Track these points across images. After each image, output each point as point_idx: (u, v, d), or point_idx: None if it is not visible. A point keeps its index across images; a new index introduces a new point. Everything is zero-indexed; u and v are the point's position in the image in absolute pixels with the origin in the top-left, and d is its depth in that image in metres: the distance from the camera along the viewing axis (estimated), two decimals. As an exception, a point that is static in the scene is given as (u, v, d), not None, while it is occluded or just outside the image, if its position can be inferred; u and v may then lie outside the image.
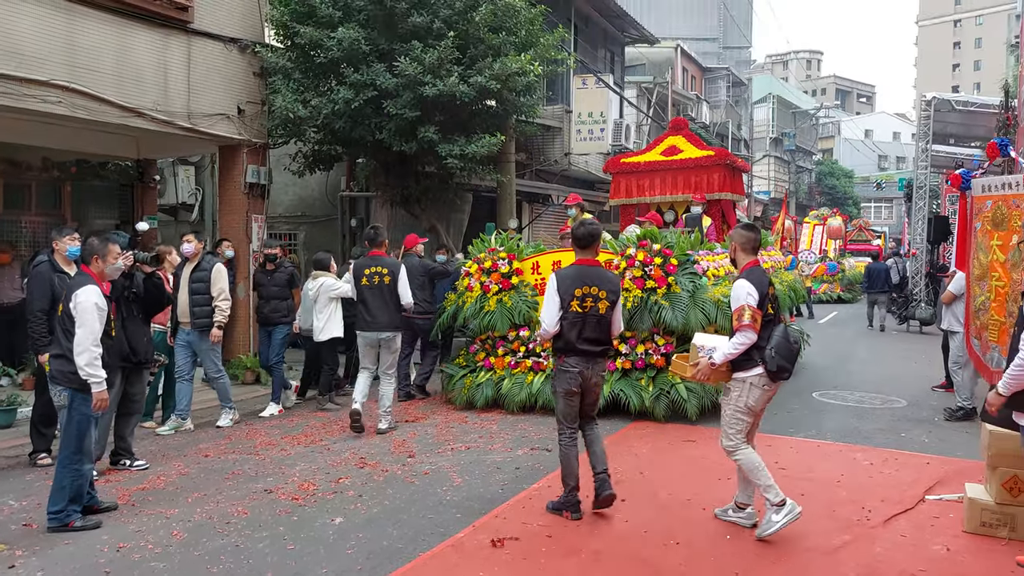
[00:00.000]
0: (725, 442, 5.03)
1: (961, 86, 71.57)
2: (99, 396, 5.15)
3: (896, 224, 49.21)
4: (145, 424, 7.97)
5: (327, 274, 8.97)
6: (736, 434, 4.98)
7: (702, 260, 8.66)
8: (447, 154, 10.90)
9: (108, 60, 8.97)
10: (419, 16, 10.63)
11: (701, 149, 12.57)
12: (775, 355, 4.82)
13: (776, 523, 4.81)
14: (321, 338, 8.87)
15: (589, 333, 5.19)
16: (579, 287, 5.17)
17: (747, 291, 4.86)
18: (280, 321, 9.00)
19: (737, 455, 4.98)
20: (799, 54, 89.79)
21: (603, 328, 5.24)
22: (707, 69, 37.59)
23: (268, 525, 5.18)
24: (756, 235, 5.18)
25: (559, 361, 5.33)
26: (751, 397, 4.93)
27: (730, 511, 5.24)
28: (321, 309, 8.84)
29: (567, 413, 5.35)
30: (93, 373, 5.09)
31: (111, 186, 12.63)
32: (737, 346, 4.84)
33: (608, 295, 5.19)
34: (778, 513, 4.82)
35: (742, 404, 4.95)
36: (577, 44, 18.88)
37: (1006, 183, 5.96)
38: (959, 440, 7.44)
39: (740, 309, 4.84)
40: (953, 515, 5.32)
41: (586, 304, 5.16)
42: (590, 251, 5.37)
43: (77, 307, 5.10)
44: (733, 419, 4.98)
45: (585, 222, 5.43)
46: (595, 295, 5.17)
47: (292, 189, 15.27)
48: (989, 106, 17.25)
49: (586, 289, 5.17)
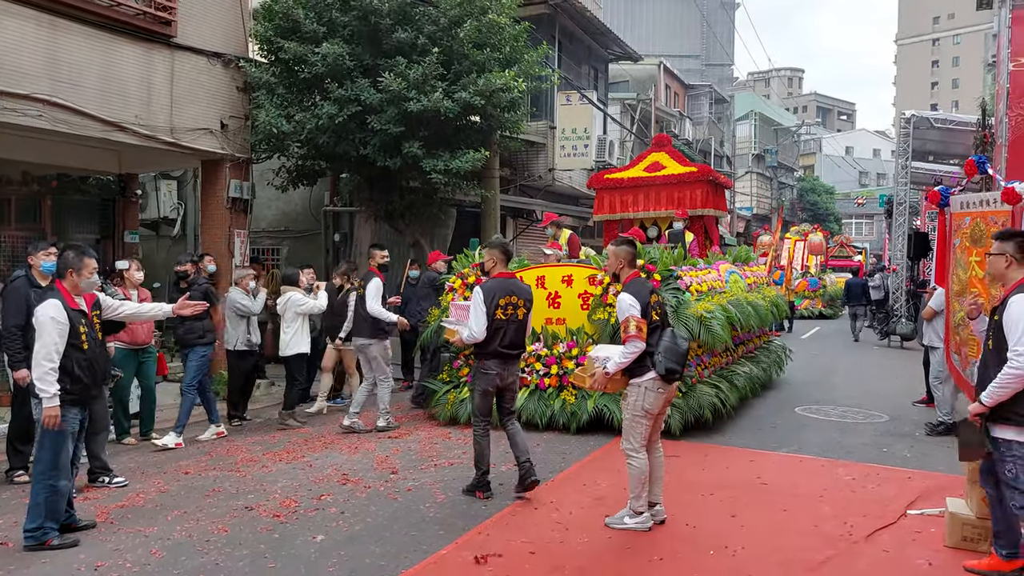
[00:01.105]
0: (625, 444, 5.33)
1: (939, 104, 72.63)
2: (49, 411, 5.06)
3: (877, 240, 49.61)
4: (124, 441, 7.89)
5: (295, 289, 8.94)
6: (636, 437, 5.27)
7: (685, 276, 8.69)
8: (431, 169, 10.91)
9: (91, 74, 8.94)
10: (403, 32, 10.67)
11: (684, 165, 12.65)
12: (663, 359, 5.13)
13: (627, 524, 5.29)
14: (287, 353, 8.83)
15: (510, 338, 5.93)
16: (503, 297, 5.91)
17: (629, 303, 5.20)
18: (196, 343, 8.18)
19: (632, 459, 5.28)
20: (780, 72, 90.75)
21: (520, 333, 6.02)
22: (690, 86, 37.90)
23: (249, 543, 5.12)
24: (634, 249, 5.61)
25: (480, 363, 6.07)
26: (647, 401, 5.22)
27: (627, 518, 5.38)
28: (288, 324, 8.82)
29: (482, 408, 6.10)
30: (42, 387, 5.03)
31: (92, 200, 12.54)
32: (627, 355, 5.18)
33: (525, 303, 6.03)
34: (633, 518, 5.29)
35: (639, 408, 5.24)
36: (561, 61, 18.99)
37: (984, 200, 6.02)
38: (940, 455, 7.47)
39: (626, 321, 5.18)
40: (935, 530, 5.34)
41: (508, 312, 5.91)
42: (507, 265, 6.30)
43: (36, 321, 5.10)
44: (632, 423, 5.28)
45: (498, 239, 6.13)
46: (515, 304, 5.96)
47: (275, 204, 15.22)
48: (967, 124, 17.48)
49: (509, 299, 5.93)
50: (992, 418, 4.38)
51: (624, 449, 5.33)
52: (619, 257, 5.53)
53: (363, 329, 8.41)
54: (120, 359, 7.68)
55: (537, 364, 8.59)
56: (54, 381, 5.06)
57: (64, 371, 5.13)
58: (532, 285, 8.84)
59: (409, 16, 10.91)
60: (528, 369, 8.58)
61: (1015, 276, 4.45)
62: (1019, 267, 4.46)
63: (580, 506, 5.87)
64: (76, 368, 5.22)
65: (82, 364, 5.29)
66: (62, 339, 5.11)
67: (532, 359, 8.60)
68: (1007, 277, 4.51)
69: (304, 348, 8.90)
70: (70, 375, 5.17)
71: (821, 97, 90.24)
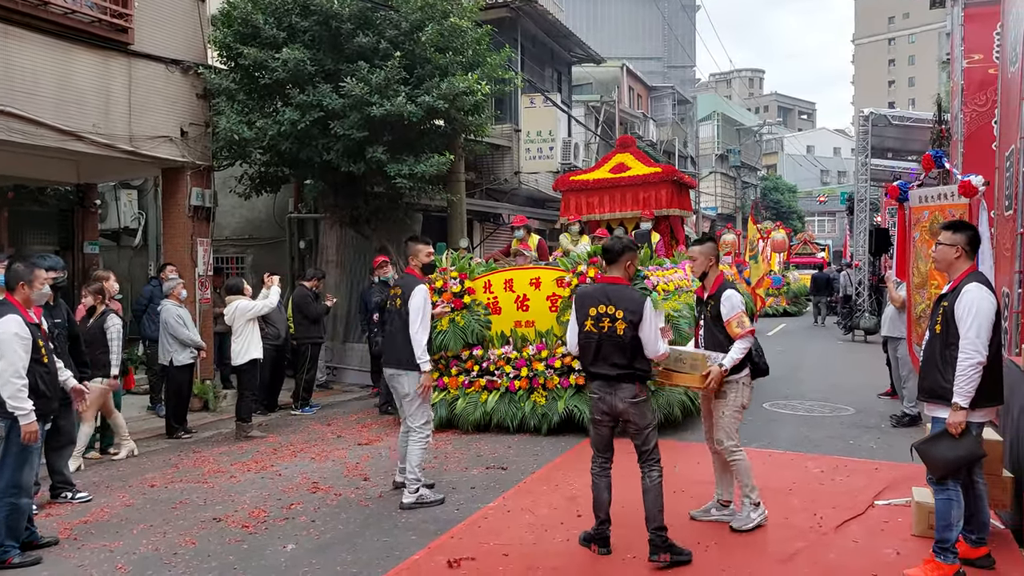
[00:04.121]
0: (728, 442, 5.24)
1: (897, 102, 73.83)
2: (27, 428, 4.98)
3: (839, 236, 50.32)
4: (88, 455, 7.74)
5: (241, 297, 8.84)
6: (737, 433, 5.28)
7: (652, 275, 8.75)
8: (396, 174, 10.84)
9: (46, 83, 8.76)
10: (365, 37, 10.60)
11: (649, 166, 12.75)
12: (758, 356, 5.29)
13: (754, 520, 5.24)
14: (240, 362, 8.72)
15: (605, 355, 4.79)
16: (593, 306, 4.82)
17: (738, 300, 5.22)
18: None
19: (737, 454, 5.25)
20: (742, 73, 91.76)
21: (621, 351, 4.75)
22: (653, 88, 38.13)
23: (217, 555, 5.04)
24: (716, 246, 5.56)
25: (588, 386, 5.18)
26: (744, 396, 5.26)
27: (712, 510, 5.50)
28: (238, 333, 8.71)
29: (593, 440, 5.13)
30: (18, 405, 4.93)
31: (50, 211, 12.31)
32: (742, 350, 5.14)
33: (626, 315, 4.71)
34: (755, 511, 5.27)
35: (738, 403, 5.25)
36: (524, 64, 19.01)
37: (941, 194, 6.13)
38: (905, 445, 7.48)
39: (737, 316, 5.13)
40: (902, 519, 5.42)
41: (602, 325, 4.77)
42: (616, 267, 4.95)
43: None
44: (732, 419, 5.24)
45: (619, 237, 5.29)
46: (611, 314, 4.75)
47: (239, 211, 15.04)
48: (924, 120, 17.81)
49: (600, 309, 4.79)
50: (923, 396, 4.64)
51: (728, 447, 5.23)
52: (707, 256, 5.38)
53: (394, 353, 6.16)
54: None
55: (507, 367, 8.57)
56: (27, 397, 4.96)
57: (28, 387, 5.03)
58: (500, 288, 8.87)
59: (370, 20, 10.84)
60: (498, 372, 8.57)
61: (962, 267, 4.55)
62: (967, 259, 4.57)
63: (553, 507, 5.87)
64: (40, 383, 5.12)
65: (44, 378, 5.21)
66: (27, 354, 5.01)
67: (502, 362, 8.60)
68: (954, 267, 4.59)
69: (256, 354, 8.78)
70: (34, 390, 5.08)
71: (782, 97, 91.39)
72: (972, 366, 4.26)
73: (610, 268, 4.96)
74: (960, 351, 4.30)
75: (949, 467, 4.40)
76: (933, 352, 4.52)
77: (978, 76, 8.64)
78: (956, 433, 4.32)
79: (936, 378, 4.47)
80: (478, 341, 8.73)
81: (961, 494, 4.39)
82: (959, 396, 4.30)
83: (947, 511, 4.38)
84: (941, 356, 4.44)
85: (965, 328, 4.31)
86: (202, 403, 10.10)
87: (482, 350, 8.72)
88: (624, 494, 6.18)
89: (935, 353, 4.50)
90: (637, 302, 4.75)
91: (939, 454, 4.42)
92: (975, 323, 4.28)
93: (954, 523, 4.37)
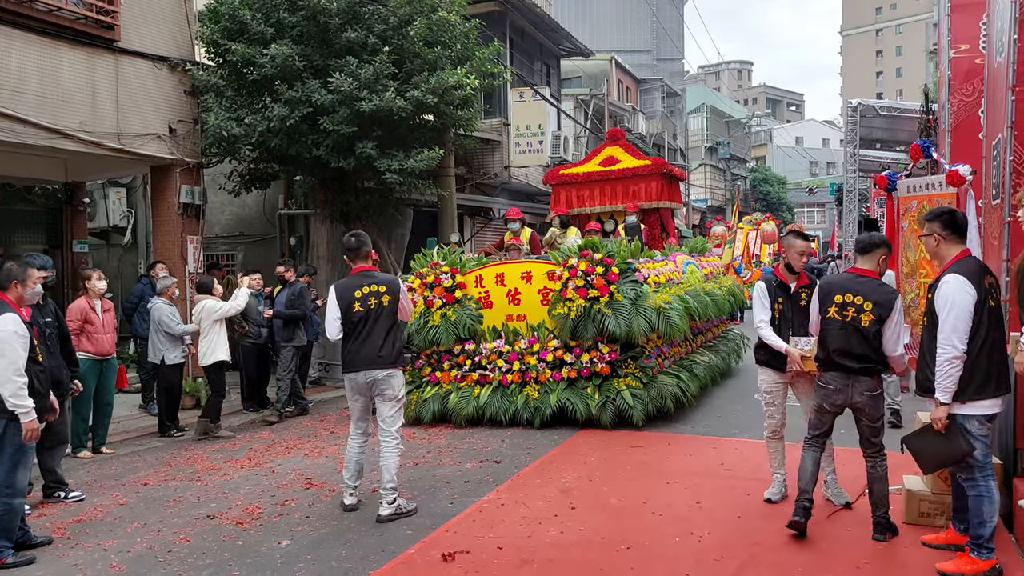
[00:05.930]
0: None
1: (885, 92, 74.04)
2: (28, 426, 4.97)
3: (828, 227, 50.54)
4: (79, 455, 7.71)
5: (209, 297, 8.80)
6: None
7: (643, 268, 8.77)
8: (386, 169, 10.83)
9: (33, 80, 8.72)
10: (353, 32, 10.58)
11: (638, 159, 12.76)
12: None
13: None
14: (207, 362, 8.68)
15: (846, 345, 4.81)
16: (840, 294, 4.84)
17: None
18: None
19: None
20: (730, 65, 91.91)
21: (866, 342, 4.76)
22: (642, 81, 38.18)
23: (212, 552, 5.04)
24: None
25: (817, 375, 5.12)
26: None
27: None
28: (205, 333, 8.67)
29: (812, 423, 5.25)
30: (19, 404, 4.92)
31: (38, 210, 12.25)
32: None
33: (874, 308, 4.71)
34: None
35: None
36: (513, 57, 19.00)
37: (929, 183, 6.17)
38: (895, 434, 7.62)
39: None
40: (893, 507, 5.44)
41: (846, 313, 4.80)
42: (868, 259, 4.92)
43: None
44: None
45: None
46: (857, 305, 4.76)
47: (229, 208, 14.98)
48: (911, 111, 17.93)
49: (847, 298, 4.81)
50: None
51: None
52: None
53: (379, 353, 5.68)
54: (84, 369, 7.47)
55: (499, 361, 8.59)
56: (27, 395, 4.95)
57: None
58: (491, 282, 8.88)
59: (358, 15, 10.81)
60: (490, 367, 8.59)
61: (949, 253, 4.44)
62: (949, 244, 4.45)
63: (547, 499, 5.89)
64: (36, 381, 5.12)
65: (40, 377, 5.20)
66: (26, 352, 5.00)
67: (494, 356, 8.61)
68: (941, 255, 4.50)
69: (223, 356, 8.73)
70: (31, 389, 5.06)
71: (770, 89, 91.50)
72: (948, 361, 4.22)
73: (862, 259, 4.95)
74: (938, 346, 4.28)
75: (937, 462, 4.42)
76: (923, 345, 4.51)
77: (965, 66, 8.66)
78: (940, 428, 4.30)
79: (925, 372, 4.44)
80: (470, 335, 8.74)
81: (994, 488, 4.30)
82: (939, 391, 4.26)
83: (979, 507, 4.29)
84: (928, 349, 4.42)
85: (941, 322, 4.27)
86: (194, 401, 10.07)
87: (474, 344, 8.73)
88: (623, 492, 6.21)
89: (924, 346, 4.48)
90: (889, 297, 4.79)
91: (926, 448, 4.45)
92: (950, 316, 4.22)
93: (987, 519, 4.26)
